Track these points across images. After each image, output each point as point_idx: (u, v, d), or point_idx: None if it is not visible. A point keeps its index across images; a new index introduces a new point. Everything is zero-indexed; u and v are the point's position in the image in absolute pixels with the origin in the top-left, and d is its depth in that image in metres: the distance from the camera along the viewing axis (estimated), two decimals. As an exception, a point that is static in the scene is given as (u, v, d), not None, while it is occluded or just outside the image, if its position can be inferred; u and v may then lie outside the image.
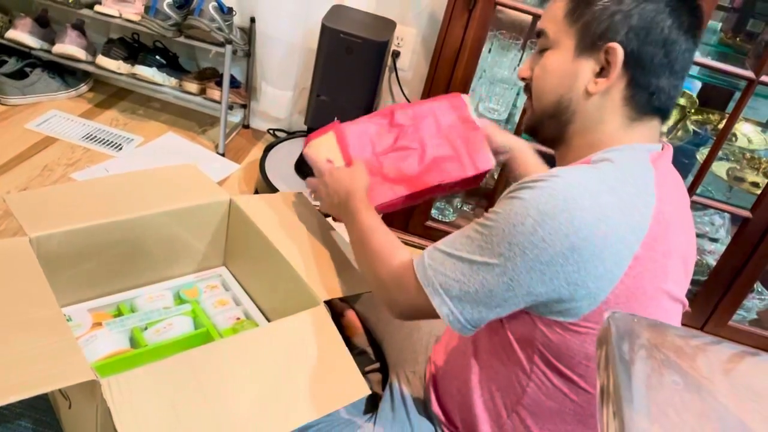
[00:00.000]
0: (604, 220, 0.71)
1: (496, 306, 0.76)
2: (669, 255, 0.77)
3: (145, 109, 2.08)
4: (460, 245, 0.78)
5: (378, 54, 1.73)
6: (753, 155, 1.78)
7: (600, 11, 0.77)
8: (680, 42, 0.77)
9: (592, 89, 0.79)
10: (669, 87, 0.79)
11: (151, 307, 1.17)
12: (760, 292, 1.74)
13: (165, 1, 1.71)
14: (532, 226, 0.71)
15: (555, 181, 0.72)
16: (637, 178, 0.75)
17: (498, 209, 0.75)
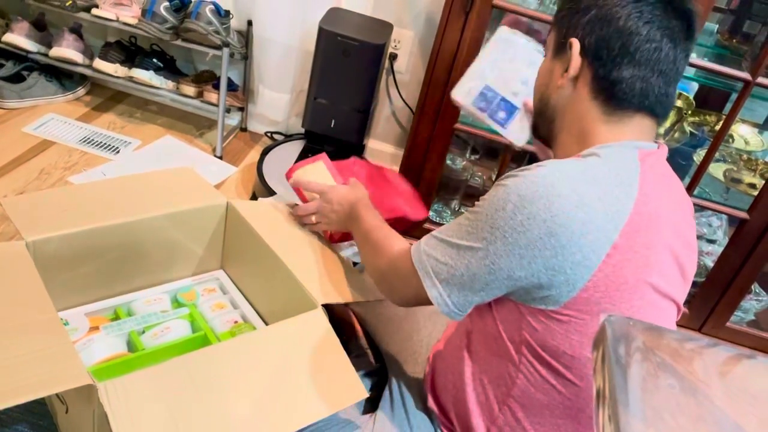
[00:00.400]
0: (582, 208, 0.74)
1: (480, 290, 0.80)
2: (652, 247, 0.78)
3: (142, 113, 2.08)
4: (450, 231, 0.83)
5: (375, 56, 1.73)
6: (750, 156, 1.79)
7: (566, 14, 0.85)
8: (641, 32, 0.79)
9: (559, 83, 0.86)
10: (636, 79, 0.80)
11: (148, 310, 1.17)
12: (757, 294, 1.74)
13: (162, 5, 1.71)
14: (512, 210, 0.75)
15: (538, 171, 0.76)
16: (620, 171, 0.78)
17: (485, 196, 0.80)
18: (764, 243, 1.54)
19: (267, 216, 1.19)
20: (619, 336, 0.41)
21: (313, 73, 1.77)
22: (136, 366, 1.01)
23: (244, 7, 1.92)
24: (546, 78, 0.89)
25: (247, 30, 1.94)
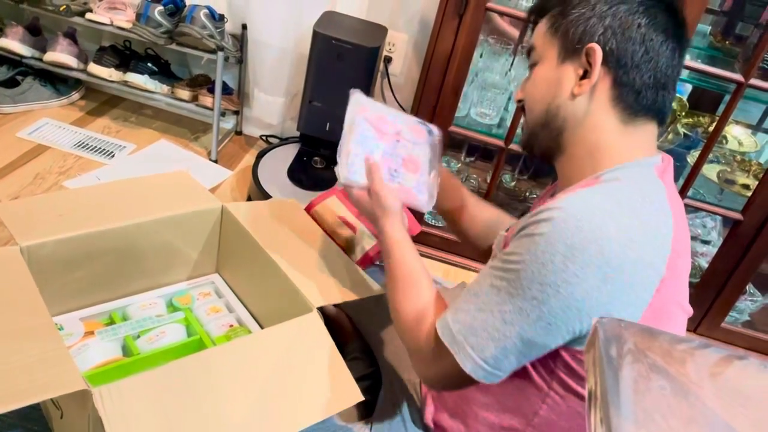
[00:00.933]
0: (631, 246, 0.70)
1: (536, 353, 0.75)
2: (685, 270, 0.77)
3: (137, 117, 2.08)
4: (486, 298, 0.75)
5: (369, 60, 1.73)
6: (743, 157, 1.79)
7: (576, 18, 0.80)
8: (659, 40, 0.78)
9: (576, 91, 0.80)
10: (656, 86, 0.79)
11: (143, 315, 1.16)
12: (752, 294, 1.75)
13: (156, 9, 1.71)
14: (562, 262, 0.69)
15: (573, 210, 0.70)
16: (651, 195, 0.75)
17: (518, 250, 0.73)
18: (758, 243, 1.54)
19: (262, 219, 1.19)
20: (610, 337, 0.42)
21: (307, 76, 1.77)
22: (131, 371, 1.01)
23: (238, 11, 1.92)
24: (553, 87, 0.82)
25: (242, 34, 1.94)
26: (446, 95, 1.56)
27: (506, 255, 0.75)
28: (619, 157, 0.79)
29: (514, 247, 0.74)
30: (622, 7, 0.78)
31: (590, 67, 0.79)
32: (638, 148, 0.80)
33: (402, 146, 1.02)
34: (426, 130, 1.07)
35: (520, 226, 0.75)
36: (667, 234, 0.73)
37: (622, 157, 0.79)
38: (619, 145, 0.79)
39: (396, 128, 1.03)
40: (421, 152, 1.04)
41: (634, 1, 0.78)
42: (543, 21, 0.85)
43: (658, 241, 0.72)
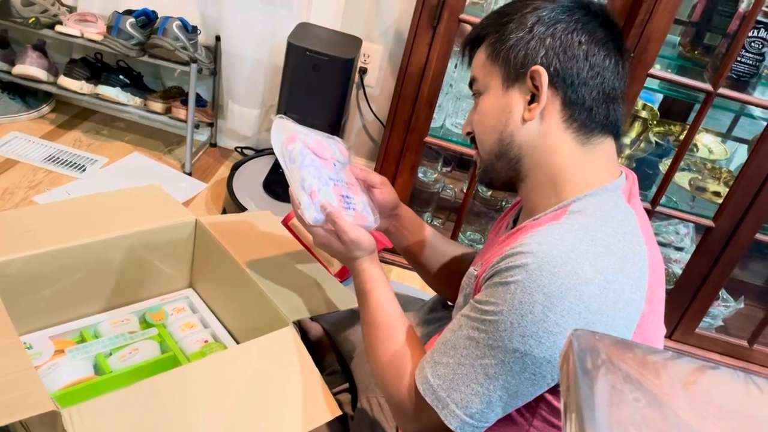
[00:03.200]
0: (610, 287, 0.68)
1: (522, 401, 0.73)
2: (662, 298, 0.77)
3: (109, 130, 2.05)
4: (465, 351, 0.73)
5: (344, 71, 1.73)
6: (714, 165, 1.82)
7: (515, 43, 0.78)
8: (601, 54, 0.77)
9: (527, 116, 0.78)
10: (606, 100, 0.78)
11: (115, 332, 1.14)
12: (725, 300, 1.77)
13: (128, 21, 1.70)
14: (541, 312, 0.67)
15: (548, 255, 0.68)
16: (623, 226, 0.73)
17: (494, 299, 0.71)
18: (730, 249, 1.56)
19: (237, 232, 1.18)
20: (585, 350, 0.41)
21: (282, 88, 1.76)
22: (103, 390, 0.99)
23: (211, 22, 1.91)
24: (503, 115, 0.80)
25: (216, 45, 1.93)
26: (421, 106, 1.57)
27: (481, 304, 0.73)
28: (584, 182, 0.77)
29: (488, 294, 0.72)
30: (560, 26, 0.77)
31: (537, 90, 0.77)
32: (601, 169, 0.78)
33: (341, 168, 0.97)
34: (340, 143, 1.02)
35: (492, 271, 0.72)
36: (643, 267, 0.72)
37: (586, 182, 0.77)
38: (581, 168, 0.78)
39: (330, 151, 0.97)
40: (350, 169, 0.99)
41: (570, 19, 0.77)
42: (480, 50, 0.83)
43: (635, 276, 0.71)
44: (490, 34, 0.81)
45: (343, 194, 0.93)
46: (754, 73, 1.50)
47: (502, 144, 0.80)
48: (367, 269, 0.90)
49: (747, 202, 1.51)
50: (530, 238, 0.71)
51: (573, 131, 0.78)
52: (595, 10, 0.79)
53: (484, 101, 0.82)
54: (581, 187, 0.77)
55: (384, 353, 0.84)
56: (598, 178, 0.78)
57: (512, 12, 0.80)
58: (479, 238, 1.92)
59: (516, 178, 0.82)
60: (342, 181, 0.96)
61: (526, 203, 0.84)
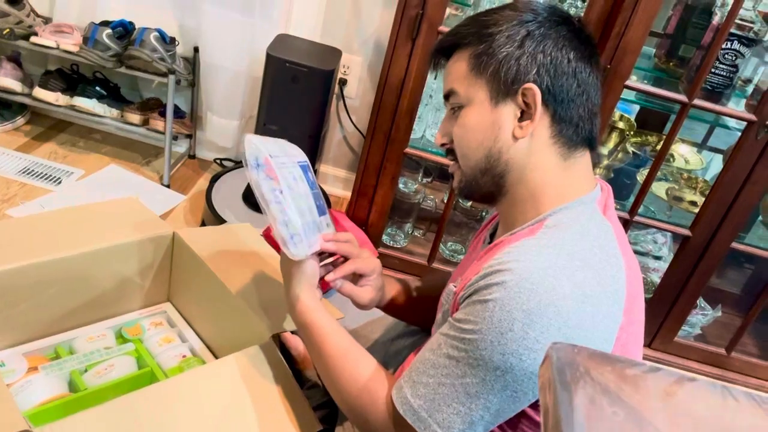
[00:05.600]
0: (588, 301, 0.68)
1: (504, 419, 0.72)
2: (641, 309, 0.77)
3: (85, 141, 2.03)
4: (445, 370, 0.72)
5: (324, 82, 1.73)
6: (690, 175, 1.85)
7: (505, 58, 0.76)
8: (587, 70, 0.78)
9: (518, 134, 0.77)
10: (590, 116, 0.79)
11: (91, 347, 1.12)
12: (703, 308, 1.79)
13: (104, 32, 1.68)
14: (521, 329, 0.66)
15: (525, 271, 0.68)
16: (600, 239, 0.73)
17: (473, 317, 0.70)
18: (707, 258, 1.58)
19: (215, 245, 1.16)
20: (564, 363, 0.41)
21: (261, 99, 1.75)
22: (77, 408, 0.96)
23: (190, 33, 1.90)
24: (490, 132, 0.78)
25: (194, 56, 1.91)
26: (401, 118, 1.57)
27: (460, 322, 0.72)
28: (561, 196, 0.77)
29: (466, 313, 0.71)
30: (549, 42, 0.76)
31: (528, 108, 0.76)
32: (578, 182, 0.79)
33: (312, 175, 0.94)
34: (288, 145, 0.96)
35: (471, 289, 0.72)
36: (620, 279, 0.72)
37: (563, 196, 0.77)
38: (561, 182, 0.78)
39: (292, 160, 0.91)
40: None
41: (558, 35, 0.77)
42: (459, 61, 0.80)
43: (612, 288, 0.71)
44: (472, 44, 0.79)
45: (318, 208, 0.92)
46: (728, 84, 1.53)
47: (489, 160, 0.79)
48: (309, 301, 0.87)
49: (723, 212, 1.53)
50: (507, 255, 0.71)
51: (558, 147, 0.78)
52: (578, 26, 0.80)
53: (469, 115, 0.80)
54: (558, 201, 0.77)
55: (352, 384, 0.82)
56: (575, 191, 0.78)
57: (497, 23, 0.78)
58: (460, 249, 1.92)
59: (497, 194, 0.81)
60: (318, 194, 0.94)
61: (505, 217, 0.84)
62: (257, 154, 0.83)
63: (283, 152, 0.89)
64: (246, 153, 0.83)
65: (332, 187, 2.15)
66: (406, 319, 1.12)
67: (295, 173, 0.89)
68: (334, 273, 0.91)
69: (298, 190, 0.87)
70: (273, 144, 0.89)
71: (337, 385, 0.83)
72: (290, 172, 0.87)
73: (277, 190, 0.82)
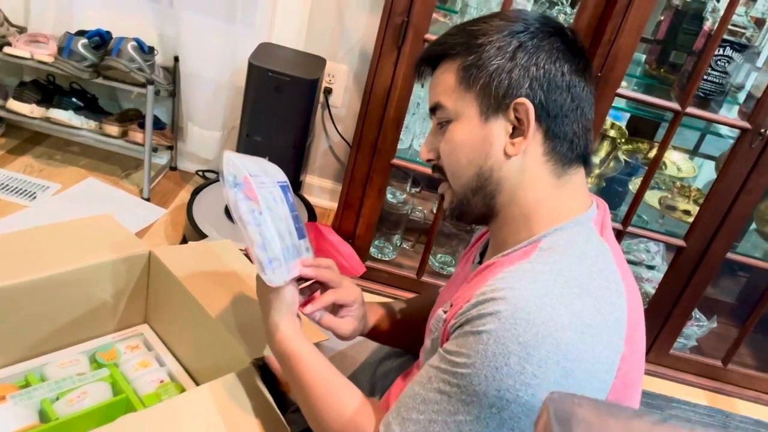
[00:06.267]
0: (588, 331, 0.64)
1: None
2: (643, 336, 0.73)
3: (63, 154, 1.97)
4: (436, 407, 0.67)
5: (308, 92, 1.68)
6: (683, 183, 1.82)
7: (496, 71, 0.72)
8: (581, 85, 0.74)
9: (510, 151, 0.73)
10: (584, 131, 0.75)
11: (63, 374, 1.07)
12: (698, 319, 1.76)
13: (80, 42, 1.63)
14: (518, 363, 0.62)
15: (521, 301, 0.64)
16: (598, 262, 0.70)
17: (465, 350, 0.66)
18: (702, 269, 1.55)
19: (194, 264, 1.12)
20: (562, 417, 0.37)
21: (244, 110, 1.71)
22: (46, 440, 0.92)
23: (169, 42, 1.85)
24: (482, 149, 0.73)
25: (174, 66, 1.86)
26: (388, 128, 1.53)
27: (451, 355, 0.67)
28: (555, 216, 0.73)
29: (458, 345, 0.67)
30: (542, 54, 0.72)
31: (520, 124, 0.72)
32: (573, 200, 0.75)
33: (291, 196, 0.90)
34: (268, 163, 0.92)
35: (462, 318, 0.68)
36: (621, 306, 0.68)
37: (558, 216, 0.73)
38: (555, 201, 0.74)
39: (271, 180, 0.86)
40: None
41: (552, 47, 0.73)
42: (447, 73, 0.76)
43: (613, 317, 0.67)
44: (460, 55, 0.74)
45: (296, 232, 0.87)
46: (720, 91, 1.50)
47: (481, 179, 0.74)
48: (289, 331, 0.82)
49: (717, 222, 1.50)
50: (501, 281, 0.67)
51: (552, 164, 0.74)
52: (572, 37, 0.76)
53: (458, 131, 0.75)
54: (552, 221, 0.73)
55: (335, 418, 0.77)
56: (570, 211, 0.74)
57: (486, 33, 0.74)
58: (450, 261, 1.88)
59: (489, 214, 0.77)
60: (298, 215, 0.89)
61: (495, 237, 0.80)
62: (236, 172, 0.78)
63: (262, 171, 0.84)
64: (224, 171, 0.78)
65: (318, 199, 2.10)
66: (392, 345, 1.08)
67: (275, 194, 0.84)
68: (312, 305, 0.86)
69: (277, 211, 0.82)
70: (252, 162, 0.84)
71: (320, 419, 0.78)
72: (270, 193, 0.82)
73: (256, 211, 0.78)
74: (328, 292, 0.88)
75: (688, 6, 1.61)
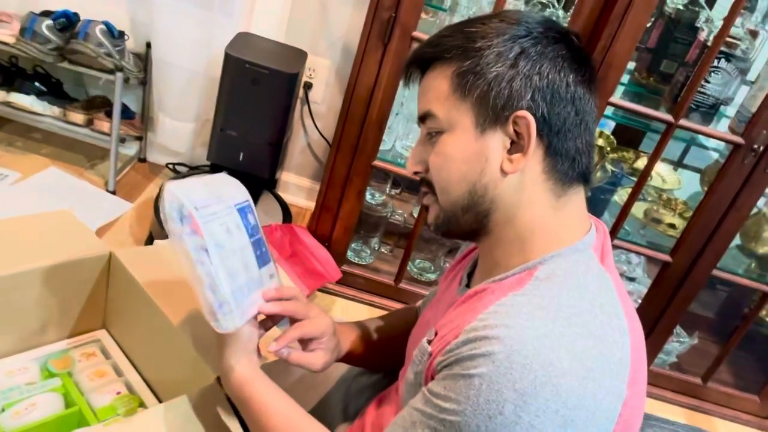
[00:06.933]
0: (590, 377, 0.58)
1: None
2: (645, 376, 0.68)
3: (24, 141, 1.86)
4: None
5: (287, 86, 1.61)
6: (668, 196, 1.79)
7: (495, 79, 0.66)
8: (585, 97, 0.68)
9: (508, 168, 0.66)
10: (588, 148, 0.69)
11: (10, 383, 0.99)
12: (678, 335, 1.73)
13: (44, 23, 1.53)
14: (513, 412, 0.57)
15: (516, 343, 0.58)
16: (600, 296, 0.64)
17: (454, 395, 0.60)
18: (687, 285, 1.52)
19: (158, 268, 1.04)
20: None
21: (218, 102, 1.63)
22: (-13, 460, 0.84)
23: (141, 28, 1.76)
24: (476, 164, 0.67)
25: (146, 53, 1.77)
26: (370, 128, 1.46)
27: (438, 398, 0.61)
28: (553, 240, 0.68)
29: (446, 387, 0.61)
30: (546, 63, 0.66)
31: (519, 138, 0.66)
32: (572, 224, 0.69)
33: (253, 217, 0.82)
34: (227, 183, 0.83)
35: (451, 356, 0.62)
36: (624, 345, 0.63)
37: (556, 240, 0.68)
38: (553, 224, 0.68)
39: (226, 204, 0.77)
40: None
41: (557, 54, 0.67)
42: (440, 79, 0.69)
43: (616, 358, 0.62)
44: (455, 60, 0.68)
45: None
46: (712, 104, 1.46)
47: (473, 197, 0.68)
48: (242, 371, 0.76)
49: (705, 238, 1.46)
50: (494, 316, 0.61)
51: (552, 183, 0.68)
52: (577, 44, 0.69)
53: (450, 143, 0.69)
54: (550, 246, 0.67)
55: None
56: (569, 235, 0.68)
57: (486, 36, 0.67)
58: (429, 267, 1.82)
59: (480, 232, 0.71)
60: (262, 239, 0.81)
61: (486, 258, 0.74)
62: (179, 206, 0.70)
63: (215, 197, 0.75)
64: (165, 205, 0.71)
65: (294, 197, 2.03)
66: (367, 368, 1.01)
67: (230, 222, 0.75)
68: (277, 342, 0.78)
69: (231, 245, 0.74)
70: (202, 188, 0.76)
71: None
72: (222, 224, 0.74)
73: (202, 249, 0.70)
74: (294, 327, 0.80)
75: (680, 14, 1.57)
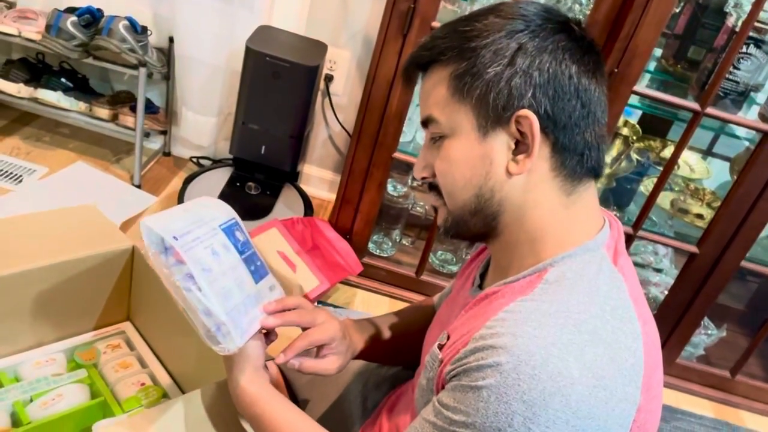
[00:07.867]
0: (600, 385, 0.57)
1: None
2: (661, 380, 0.66)
3: (52, 136, 1.89)
4: None
5: (308, 79, 1.61)
6: (696, 186, 1.75)
7: (493, 78, 0.64)
8: (591, 87, 0.65)
9: (514, 170, 0.65)
10: (598, 141, 0.67)
11: (38, 374, 1.01)
12: (707, 327, 1.70)
13: (69, 20, 1.55)
14: (522, 424, 0.56)
15: (524, 353, 0.57)
16: (612, 299, 0.63)
17: (463, 407, 0.59)
18: (715, 277, 1.48)
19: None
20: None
21: (240, 96, 1.64)
22: (16, 447, 0.86)
23: (164, 23, 1.77)
24: (480, 167, 0.65)
25: (169, 47, 1.78)
26: (390, 120, 1.45)
27: (447, 410, 0.61)
28: (564, 240, 0.66)
29: (456, 399, 0.60)
30: (546, 57, 0.64)
31: (523, 138, 0.64)
32: (583, 221, 0.68)
33: (242, 233, 0.82)
34: (211, 206, 0.83)
35: (459, 367, 0.61)
36: (637, 351, 0.61)
37: (567, 239, 0.66)
38: (564, 222, 0.67)
39: (209, 226, 0.77)
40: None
41: (557, 46, 0.64)
42: (438, 82, 0.68)
43: (629, 364, 0.60)
44: (452, 62, 0.66)
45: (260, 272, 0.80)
46: (741, 91, 1.42)
47: (480, 200, 0.67)
48: (251, 388, 0.75)
49: (733, 229, 1.43)
50: (501, 324, 0.60)
51: (560, 181, 0.66)
52: (579, 32, 0.67)
53: (453, 148, 0.67)
54: (560, 246, 0.66)
55: None
56: (580, 234, 0.67)
57: (481, 35, 0.65)
58: (451, 258, 1.81)
59: (490, 234, 0.70)
60: (255, 254, 0.81)
61: (498, 259, 0.73)
62: (159, 240, 0.71)
63: (195, 221, 0.75)
64: (145, 242, 0.71)
65: (317, 189, 2.03)
66: (384, 364, 1.00)
67: (215, 244, 0.75)
68: (284, 354, 0.78)
69: (220, 266, 0.74)
70: (181, 216, 0.76)
71: None
72: (207, 247, 0.74)
73: (188, 276, 0.70)
74: (300, 336, 0.80)
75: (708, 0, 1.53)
